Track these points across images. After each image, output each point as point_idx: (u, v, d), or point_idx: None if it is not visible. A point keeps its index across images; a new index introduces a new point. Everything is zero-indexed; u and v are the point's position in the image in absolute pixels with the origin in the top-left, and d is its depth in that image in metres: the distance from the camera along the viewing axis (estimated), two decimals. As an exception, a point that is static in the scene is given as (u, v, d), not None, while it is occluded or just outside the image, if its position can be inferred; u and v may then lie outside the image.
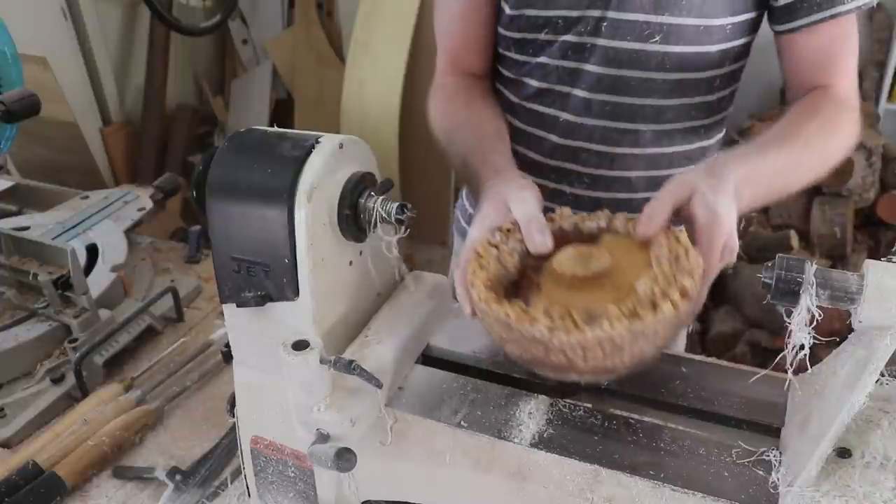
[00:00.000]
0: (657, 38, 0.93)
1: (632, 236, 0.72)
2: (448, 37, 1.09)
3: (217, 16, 3.16)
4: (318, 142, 0.66)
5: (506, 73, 1.09)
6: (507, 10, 1.00)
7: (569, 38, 0.97)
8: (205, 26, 3.10)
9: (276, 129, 0.71)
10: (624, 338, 0.60)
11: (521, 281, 0.70)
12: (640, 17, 0.92)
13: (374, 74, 2.87)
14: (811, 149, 0.86)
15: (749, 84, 1.11)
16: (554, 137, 1.05)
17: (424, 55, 2.77)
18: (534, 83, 1.04)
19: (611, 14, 0.93)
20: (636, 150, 1.02)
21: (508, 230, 0.75)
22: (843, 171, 2.39)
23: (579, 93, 1.00)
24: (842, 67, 0.95)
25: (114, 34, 2.94)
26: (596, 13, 0.94)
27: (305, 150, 0.65)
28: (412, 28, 2.80)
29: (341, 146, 0.67)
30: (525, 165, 0.98)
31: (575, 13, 0.95)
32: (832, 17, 0.91)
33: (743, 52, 0.99)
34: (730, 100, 1.07)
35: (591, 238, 0.74)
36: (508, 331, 0.63)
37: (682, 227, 0.70)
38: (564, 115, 1.02)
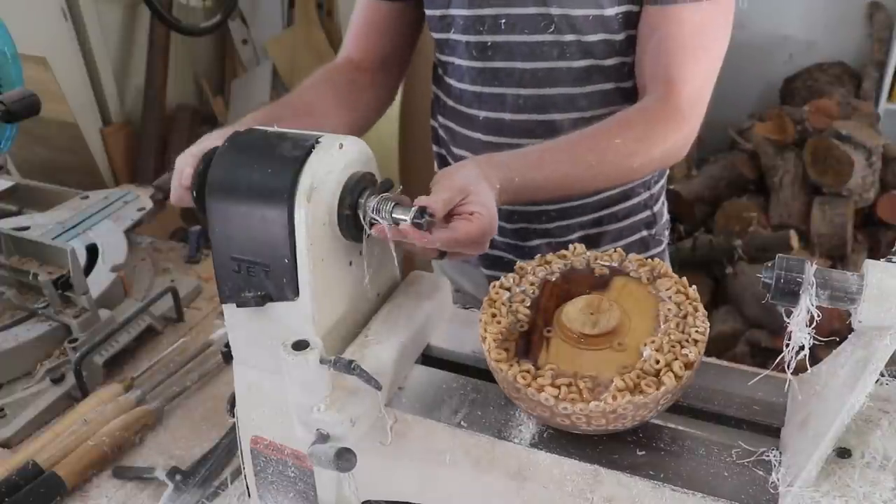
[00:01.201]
0: (552, 30, 0.96)
1: (642, 281, 0.74)
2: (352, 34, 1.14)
3: (217, 16, 3.15)
4: (318, 142, 0.66)
5: (439, 72, 1.15)
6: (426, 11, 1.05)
7: (471, 37, 1.01)
8: (205, 26, 3.10)
9: (276, 129, 0.71)
10: (627, 409, 0.62)
11: (532, 329, 0.71)
12: (532, 10, 0.95)
13: (374, 74, 2.86)
14: (607, 164, 0.87)
15: (748, 84, 1.11)
16: (479, 135, 1.08)
17: (424, 55, 2.77)
18: (453, 83, 1.09)
19: (505, 10, 0.97)
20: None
21: (521, 269, 0.76)
22: (843, 171, 2.39)
23: (493, 90, 1.03)
24: (688, 70, 0.90)
25: (114, 34, 2.94)
26: (492, 11, 0.97)
27: (305, 150, 0.65)
28: (412, 28, 2.80)
29: (341, 146, 0.67)
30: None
31: (472, 12, 0.98)
32: (666, 3, 0.88)
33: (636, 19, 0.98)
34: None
35: (602, 280, 0.76)
36: (517, 391, 0.65)
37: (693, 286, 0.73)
38: (483, 113, 1.06)
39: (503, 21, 0.97)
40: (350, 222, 0.68)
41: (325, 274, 0.68)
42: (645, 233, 1.18)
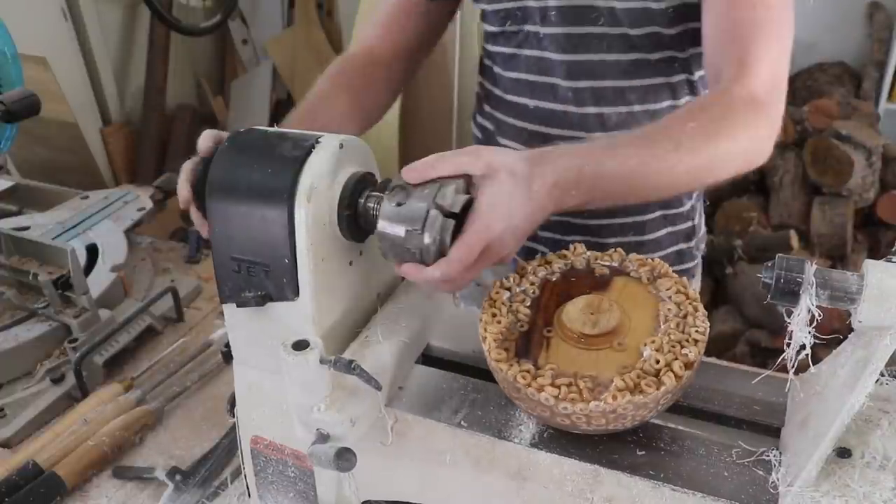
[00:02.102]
0: (601, 22, 0.96)
1: (642, 281, 0.74)
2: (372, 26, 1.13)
3: (217, 16, 3.16)
4: (318, 142, 0.66)
5: (487, 62, 1.14)
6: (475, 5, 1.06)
7: (529, 27, 1.01)
8: (205, 26, 3.10)
9: (276, 129, 0.71)
10: (627, 409, 0.62)
11: (532, 329, 0.71)
12: (579, 2, 0.96)
13: (374, 74, 2.87)
14: (685, 151, 0.76)
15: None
16: (528, 125, 1.08)
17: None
18: (503, 72, 1.09)
19: (554, 3, 0.97)
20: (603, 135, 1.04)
21: (522, 269, 0.76)
22: (843, 171, 2.39)
23: (545, 79, 1.04)
24: (762, 56, 0.84)
25: (114, 34, 2.94)
26: (542, 3, 0.98)
27: (305, 150, 0.65)
28: (412, 28, 2.81)
29: (341, 146, 0.67)
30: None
31: (528, 3, 0.99)
32: None
33: (696, 40, 0.96)
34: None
35: (602, 280, 0.75)
36: (517, 391, 0.65)
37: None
38: (534, 102, 1.06)
39: (553, 13, 0.98)
40: (350, 222, 0.68)
41: (325, 274, 0.68)
42: (683, 245, 1.17)
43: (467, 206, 0.68)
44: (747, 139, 0.81)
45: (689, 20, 0.95)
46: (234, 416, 0.78)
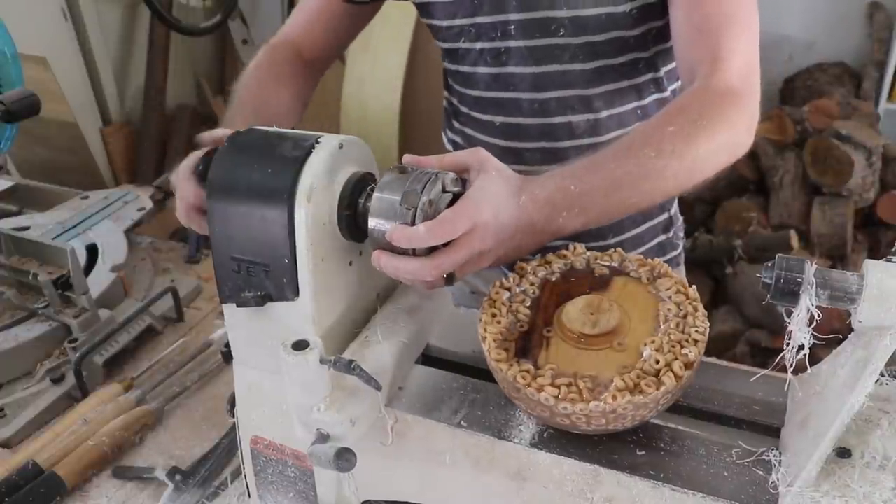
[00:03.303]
0: (561, 33, 0.95)
1: (642, 281, 0.74)
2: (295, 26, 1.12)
3: (217, 16, 3.15)
4: (318, 142, 0.66)
5: (450, 81, 1.13)
6: (433, 21, 1.04)
7: (485, 44, 1.00)
8: (205, 26, 3.10)
9: (276, 129, 0.71)
10: (626, 409, 0.62)
11: (531, 329, 0.71)
12: (540, 14, 0.94)
13: (373, 74, 2.87)
14: (668, 155, 0.77)
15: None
16: (497, 140, 1.07)
17: (424, 55, 2.77)
18: (467, 91, 1.08)
19: (514, 16, 0.96)
20: (573, 143, 1.03)
21: (522, 269, 0.76)
22: (843, 171, 2.39)
23: (509, 95, 1.03)
24: (733, 46, 0.85)
25: (114, 34, 2.94)
26: (500, 17, 0.96)
27: (305, 150, 0.65)
28: (412, 28, 2.80)
29: (341, 146, 0.67)
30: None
31: (484, 20, 0.98)
32: None
33: (660, 39, 0.96)
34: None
35: (602, 280, 0.75)
36: (517, 391, 0.65)
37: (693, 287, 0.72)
38: (500, 118, 1.05)
39: (512, 27, 0.97)
40: (350, 222, 0.68)
41: (325, 274, 0.68)
42: (663, 237, 1.17)
43: (453, 203, 0.68)
44: (727, 135, 0.81)
45: (651, 19, 0.95)
46: (234, 416, 0.78)
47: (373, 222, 0.66)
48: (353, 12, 1.09)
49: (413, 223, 0.65)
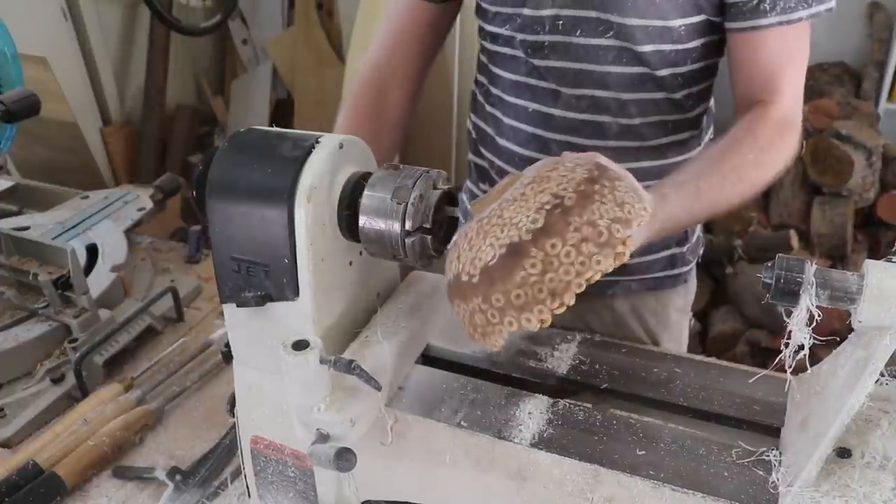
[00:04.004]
0: (610, 34, 0.95)
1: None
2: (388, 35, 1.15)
3: (217, 16, 3.16)
4: (318, 142, 0.66)
5: (483, 59, 1.14)
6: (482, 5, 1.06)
7: (528, 36, 1.00)
8: (205, 26, 3.10)
9: (276, 129, 0.71)
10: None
11: None
12: (593, 14, 0.95)
13: (374, 74, 2.87)
14: (742, 181, 0.87)
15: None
16: (525, 126, 1.07)
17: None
18: (502, 72, 1.08)
19: (565, 12, 0.97)
20: (601, 143, 1.04)
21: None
22: (843, 171, 2.39)
23: (546, 85, 1.03)
24: (788, 80, 0.94)
25: (114, 34, 2.94)
26: (550, 12, 0.97)
27: (305, 150, 0.65)
28: (412, 28, 2.81)
29: (341, 146, 0.67)
30: (503, 155, 1.10)
31: (532, 13, 0.98)
32: (781, 24, 0.90)
33: (703, 56, 0.99)
34: (698, 119, 1.07)
35: None
36: (485, 234, 0.65)
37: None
38: (534, 105, 1.06)
39: (561, 22, 0.97)
40: (350, 222, 0.68)
41: (325, 274, 0.68)
42: (676, 249, 1.16)
43: (443, 200, 0.68)
44: (784, 160, 0.92)
45: (700, 36, 0.96)
46: (234, 416, 0.78)
47: (363, 220, 0.67)
48: (440, 12, 1.10)
49: (403, 218, 0.65)
